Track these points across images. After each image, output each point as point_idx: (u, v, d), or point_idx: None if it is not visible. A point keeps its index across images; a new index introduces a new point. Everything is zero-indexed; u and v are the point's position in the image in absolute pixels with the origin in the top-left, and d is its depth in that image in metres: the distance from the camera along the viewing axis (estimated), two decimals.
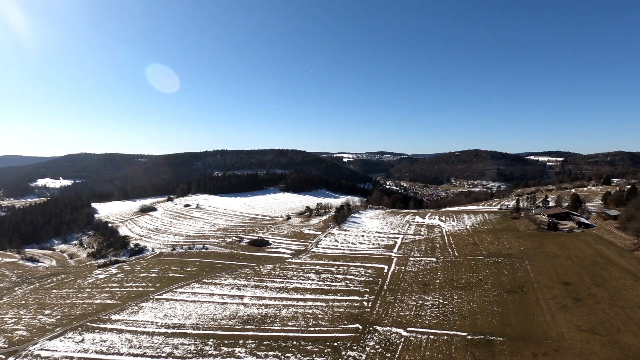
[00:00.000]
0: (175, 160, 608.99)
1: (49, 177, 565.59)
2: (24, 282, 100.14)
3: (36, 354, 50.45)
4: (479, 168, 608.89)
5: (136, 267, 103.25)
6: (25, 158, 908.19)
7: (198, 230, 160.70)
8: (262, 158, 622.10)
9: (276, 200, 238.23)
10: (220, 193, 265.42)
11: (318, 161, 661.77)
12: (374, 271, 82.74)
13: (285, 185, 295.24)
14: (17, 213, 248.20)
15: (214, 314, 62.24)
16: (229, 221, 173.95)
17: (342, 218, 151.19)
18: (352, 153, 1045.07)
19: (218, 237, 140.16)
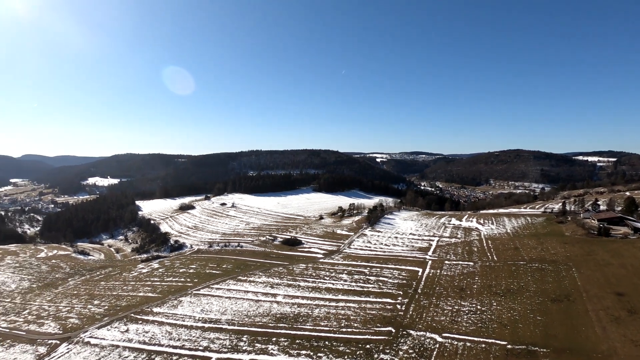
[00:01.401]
0: (212, 160, 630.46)
1: (98, 176, 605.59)
2: (76, 273, 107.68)
3: (86, 341, 54.08)
4: (521, 169, 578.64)
5: (176, 263, 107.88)
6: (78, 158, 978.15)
7: (233, 228, 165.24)
8: (295, 158, 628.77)
9: (309, 200, 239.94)
10: (255, 192, 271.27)
11: (351, 161, 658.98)
12: (407, 274, 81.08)
13: (318, 185, 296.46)
14: (70, 209, 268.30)
15: (248, 310, 63.71)
16: (262, 220, 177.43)
17: (375, 219, 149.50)
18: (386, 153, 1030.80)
19: (252, 236, 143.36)
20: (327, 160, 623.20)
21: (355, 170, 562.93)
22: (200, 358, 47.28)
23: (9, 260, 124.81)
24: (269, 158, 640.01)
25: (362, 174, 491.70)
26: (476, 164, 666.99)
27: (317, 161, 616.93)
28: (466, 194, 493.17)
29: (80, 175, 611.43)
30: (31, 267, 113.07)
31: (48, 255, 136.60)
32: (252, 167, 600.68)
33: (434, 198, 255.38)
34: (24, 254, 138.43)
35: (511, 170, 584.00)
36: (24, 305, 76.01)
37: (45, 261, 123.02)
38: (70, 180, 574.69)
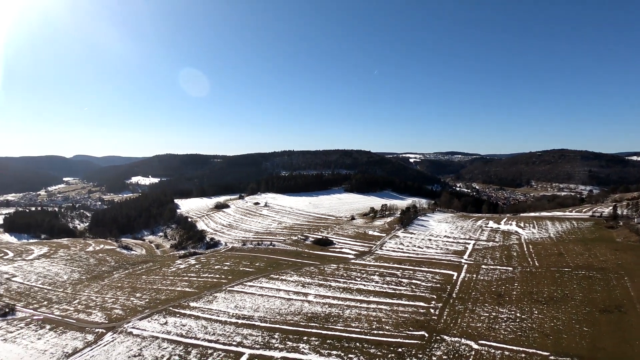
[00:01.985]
0: (246, 161, 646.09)
1: (140, 175, 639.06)
2: (120, 267, 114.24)
3: (129, 331, 57.20)
4: (566, 169, 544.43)
5: (211, 260, 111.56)
6: (123, 158, 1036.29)
7: (266, 227, 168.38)
8: (327, 158, 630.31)
9: (340, 201, 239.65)
10: (287, 192, 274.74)
11: (383, 161, 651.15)
12: (441, 277, 78.84)
13: (350, 185, 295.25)
14: (115, 207, 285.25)
15: (280, 308, 64.64)
16: (294, 220, 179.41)
17: (408, 220, 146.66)
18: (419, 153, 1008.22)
19: (284, 235, 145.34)
20: (359, 161, 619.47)
21: (387, 171, 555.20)
22: (233, 353, 48.58)
23: (61, 253, 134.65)
24: (301, 158, 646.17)
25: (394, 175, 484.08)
26: (516, 165, 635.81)
27: (349, 161, 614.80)
28: (505, 195, 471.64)
29: (124, 174, 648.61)
30: (81, 260, 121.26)
31: (95, 249, 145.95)
32: (284, 167, 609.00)
33: (470, 200, 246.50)
34: (75, 247, 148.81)
35: (555, 171, 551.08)
36: (74, 295, 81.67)
37: (93, 255, 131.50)
38: (115, 179, 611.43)
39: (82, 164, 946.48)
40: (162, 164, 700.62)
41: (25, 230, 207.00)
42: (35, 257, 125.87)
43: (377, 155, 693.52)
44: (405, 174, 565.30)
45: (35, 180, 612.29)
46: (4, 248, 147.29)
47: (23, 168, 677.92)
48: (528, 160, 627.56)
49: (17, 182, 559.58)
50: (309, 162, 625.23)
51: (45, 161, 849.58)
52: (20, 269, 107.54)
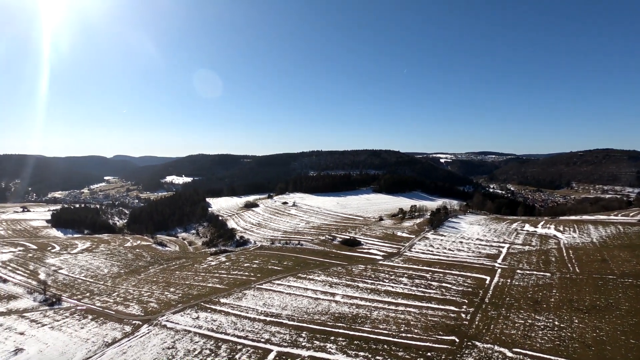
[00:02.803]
0: (275, 160, 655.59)
1: (174, 175, 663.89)
2: (155, 262, 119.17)
3: (163, 324, 59.57)
4: (611, 171, 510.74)
5: (241, 257, 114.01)
6: (158, 158, 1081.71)
7: (294, 227, 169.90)
8: (355, 158, 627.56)
9: (368, 201, 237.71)
10: (315, 192, 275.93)
11: (412, 162, 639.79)
12: (473, 281, 76.31)
13: (378, 186, 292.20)
14: (151, 205, 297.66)
15: (307, 307, 65.02)
16: (322, 220, 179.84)
17: (438, 222, 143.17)
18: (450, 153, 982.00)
19: (312, 235, 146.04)
20: (388, 161, 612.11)
21: (417, 171, 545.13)
22: (262, 349, 49.39)
23: (102, 247, 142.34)
24: (329, 158, 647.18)
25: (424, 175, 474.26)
26: (555, 165, 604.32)
27: (378, 162, 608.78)
28: (543, 197, 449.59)
29: (159, 173, 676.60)
30: (119, 255, 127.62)
31: (133, 244, 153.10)
32: (312, 167, 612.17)
33: (505, 201, 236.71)
34: (114, 242, 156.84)
35: (598, 173, 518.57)
36: (113, 288, 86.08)
37: (130, 250, 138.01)
38: (151, 178, 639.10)
39: (121, 163, 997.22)
40: (195, 163, 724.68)
41: (70, 226, 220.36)
42: (79, 251, 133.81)
43: (406, 155, 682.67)
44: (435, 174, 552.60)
45: (79, 179, 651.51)
46: (52, 242, 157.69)
47: (68, 168, 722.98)
48: (568, 161, 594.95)
49: (63, 181, 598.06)
50: (337, 162, 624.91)
51: (87, 161, 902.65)
52: (66, 261, 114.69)
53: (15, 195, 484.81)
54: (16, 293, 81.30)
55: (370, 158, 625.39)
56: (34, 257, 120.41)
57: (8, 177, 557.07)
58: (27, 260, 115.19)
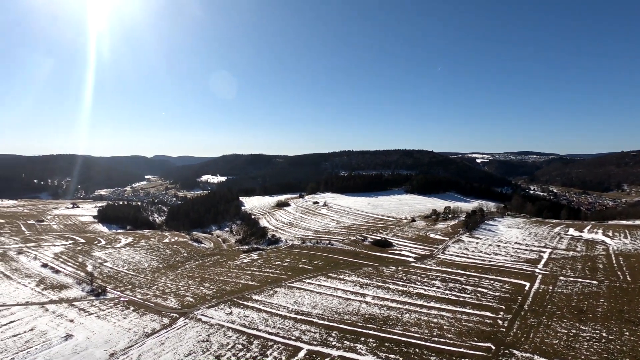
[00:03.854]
0: (306, 160, 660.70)
1: (210, 174, 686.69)
2: (192, 258, 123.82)
3: (198, 318, 61.81)
4: None
5: (272, 256, 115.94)
6: (195, 158, 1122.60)
7: (325, 226, 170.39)
8: (387, 158, 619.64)
9: (400, 202, 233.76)
10: (346, 192, 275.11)
11: (447, 162, 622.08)
12: (511, 287, 73.03)
13: (411, 186, 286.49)
14: (188, 203, 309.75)
15: (338, 307, 65.01)
16: (353, 220, 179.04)
17: (473, 224, 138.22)
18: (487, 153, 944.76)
19: (343, 235, 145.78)
20: (421, 161, 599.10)
21: (451, 172, 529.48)
22: (292, 347, 49.99)
23: (143, 243, 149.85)
24: (360, 158, 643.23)
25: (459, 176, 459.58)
26: (604, 166, 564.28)
27: (410, 162, 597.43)
28: (589, 200, 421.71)
29: (196, 173, 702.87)
30: (159, 250, 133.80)
31: (171, 241, 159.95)
32: (343, 167, 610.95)
33: (547, 204, 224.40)
34: (154, 238, 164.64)
35: None
36: (153, 282, 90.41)
37: (169, 246, 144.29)
38: (188, 177, 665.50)
39: (161, 162, 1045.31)
40: (229, 163, 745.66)
41: (114, 222, 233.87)
42: (122, 246, 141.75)
43: (440, 155, 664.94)
44: (471, 175, 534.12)
45: (123, 177, 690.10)
46: (98, 236, 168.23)
47: (112, 167, 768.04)
48: (619, 161, 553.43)
49: (108, 179, 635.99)
50: (368, 162, 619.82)
51: (130, 160, 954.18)
52: (110, 255, 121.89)
53: (66, 193, 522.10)
54: (67, 283, 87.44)
55: (402, 158, 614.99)
56: (82, 250, 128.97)
57: (60, 175, 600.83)
58: (77, 253, 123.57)
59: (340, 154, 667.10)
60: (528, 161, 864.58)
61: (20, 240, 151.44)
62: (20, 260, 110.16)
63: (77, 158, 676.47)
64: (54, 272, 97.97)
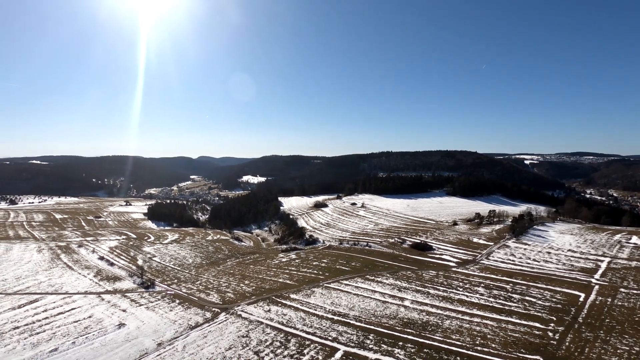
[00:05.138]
0: (344, 161, 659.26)
1: (250, 175, 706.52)
2: (233, 256, 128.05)
3: (239, 314, 63.77)
4: None
5: (310, 256, 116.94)
6: (236, 159, 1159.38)
7: (362, 228, 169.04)
8: (427, 160, 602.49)
9: (441, 204, 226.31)
10: (384, 194, 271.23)
11: (491, 163, 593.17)
12: (563, 297, 68.11)
13: (452, 188, 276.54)
14: (229, 202, 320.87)
15: (375, 310, 64.20)
16: (391, 222, 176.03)
17: (521, 229, 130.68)
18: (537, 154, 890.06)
19: (381, 237, 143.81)
20: (464, 162, 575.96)
21: (496, 174, 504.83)
22: (329, 347, 50.07)
23: (188, 240, 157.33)
24: (399, 159, 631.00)
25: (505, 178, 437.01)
26: None
27: (452, 163, 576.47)
28: None
29: (237, 173, 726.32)
30: (202, 247, 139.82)
31: (213, 238, 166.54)
32: (382, 168, 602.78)
33: (605, 209, 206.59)
34: (198, 236, 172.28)
35: None
36: (196, 277, 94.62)
37: (211, 243, 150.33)
38: (229, 177, 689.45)
39: (205, 163, 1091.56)
40: (268, 164, 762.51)
41: (162, 219, 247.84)
42: (169, 242, 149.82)
43: (484, 156, 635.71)
44: (518, 177, 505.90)
45: (170, 177, 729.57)
46: (148, 232, 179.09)
47: (161, 167, 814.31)
48: None
49: (157, 179, 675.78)
50: (408, 163, 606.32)
51: (177, 161, 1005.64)
52: (158, 251, 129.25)
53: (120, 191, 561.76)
54: (120, 275, 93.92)
55: (443, 159, 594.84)
56: (133, 245, 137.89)
57: (115, 175, 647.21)
58: (129, 247, 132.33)
59: (379, 155, 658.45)
60: (584, 162, 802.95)
61: (81, 234, 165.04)
62: (81, 253, 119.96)
63: (129, 159, 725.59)
64: (109, 264, 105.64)
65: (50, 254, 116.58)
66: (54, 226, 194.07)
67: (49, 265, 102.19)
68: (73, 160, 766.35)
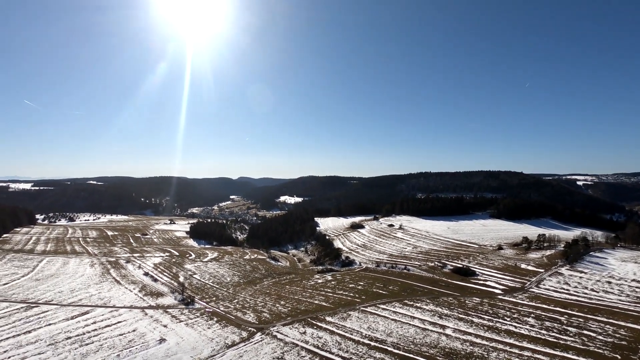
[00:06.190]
0: (381, 182, 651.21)
1: (287, 195, 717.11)
2: (269, 275, 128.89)
3: (274, 335, 63.49)
4: None
5: (346, 278, 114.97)
6: (274, 180, 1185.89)
7: (400, 250, 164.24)
8: (468, 180, 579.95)
9: (485, 227, 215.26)
10: (423, 215, 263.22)
11: (539, 184, 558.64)
12: (628, 332, 61.25)
13: (497, 211, 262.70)
14: (267, 222, 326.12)
15: (414, 337, 61.29)
16: (431, 245, 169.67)
17: (575, 255, 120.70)
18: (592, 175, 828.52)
19: (420, 260, 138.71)
20: (508, 183, 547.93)
21: (546, 195, 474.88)
22: None
23: (226, 258, 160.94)
24: (438, 180, 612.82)
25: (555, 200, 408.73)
26: None
27: (496, 184, 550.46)
28: None
29: (274, 194, 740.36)
30: (240, 266, 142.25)
31: (251, 257, 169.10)
32: (420, 189, 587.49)
33: None
34: (236, 254, 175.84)
35: None
36: (234, 296, 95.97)
37: (248, 262, 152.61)
38: (267, 197, 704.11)
39: (244, 184, 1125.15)
40: (305, 185, 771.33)
41: (203, 237, 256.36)
42: (209, 260, 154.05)
43: (531, 177, 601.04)
44: (570, 199, 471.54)
45: (211, 197, 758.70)
46: (189, 250, 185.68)
47: (203, 188, 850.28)
48: None
49: (199, 199, 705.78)
50: (447, 184, 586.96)
51: (218, 182, 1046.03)
52: (199, 268, 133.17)
53: (165, 210, 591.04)
54: (162, 291, 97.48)
55: (486, 180, 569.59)
56: (176, 262, 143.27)
57: (161, 194, 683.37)
58: (171, 264, 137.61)
59: (417, 176, 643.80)
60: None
61: (129, 250, 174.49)
62: (128, 268, 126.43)
63: (174, 180, 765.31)
64: (153, 280, 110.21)
65: (101, 269, 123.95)
66: (106, 242, 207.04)
67: (100, 279, 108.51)
68: (124, 180, 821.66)
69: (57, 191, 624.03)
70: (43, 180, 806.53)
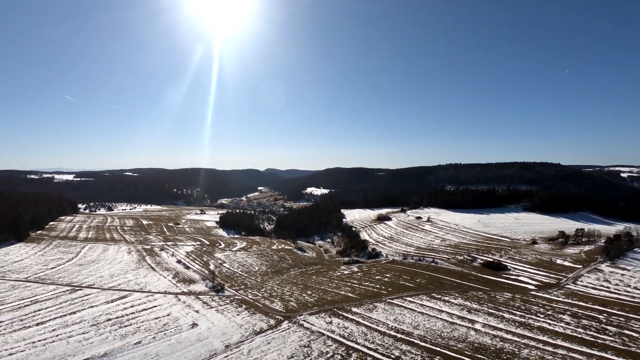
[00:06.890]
0: (409, 174, 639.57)
1: (314, 187, 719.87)
2: (296, 265, 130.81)
3: (301, 323, 64.66)
4: None
5: (372, 269, 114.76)
6: (301, 171, 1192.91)
7: (428, 243, 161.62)
8: (500, 172, 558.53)
9: (518, 221, 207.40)
10: (452, 208, 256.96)
11: (578, 176, 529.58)
12: None
13: (531, 204, 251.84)
14: (293, 213, 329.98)
15: (442, 331, 60.51)
16: (460, 238, 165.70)
17: (617, 252, 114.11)
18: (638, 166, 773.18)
19: (448, 253, 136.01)
20: (544, 175, 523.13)
21: (585, 188, 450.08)
22: None
23: (254, 248, 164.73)
24: (469, 172, 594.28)
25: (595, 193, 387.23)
26: None
27: (530, 175, 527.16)
28: None
29: (301, 185, 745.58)
30: (267, 256, 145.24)
31: (278, 247, 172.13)
32: (449, 181, 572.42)
33: None
34: (264, 244, 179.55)
35: None
36: (262, 284, 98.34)
37: (276, 252, 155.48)
38: (294, 189, 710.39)
39: (271, 175, 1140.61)
40: (332, 176, 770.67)
41: (232, 227, 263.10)
42: (238, 249, 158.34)
43: (569, 168, 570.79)
44: (613, 192, 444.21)
45: (240, 188, 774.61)
46: (219, 240, 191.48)
47: (232, 179, 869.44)
48: None
49: (228, 190, 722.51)
50: (478, 176, 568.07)
51: (246, 173, 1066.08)
52: (228, 257, 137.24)
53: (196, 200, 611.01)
54: (194, 278, 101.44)
55: (520, 172, 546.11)
56: (206, 251, 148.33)
57: (192, 186, 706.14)
58: (202, 253, 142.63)
59: (446, 167, 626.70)
60: None
61: (162, 239, 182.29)
62: (162, 256, 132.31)
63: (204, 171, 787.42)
64: (185, 267, 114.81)
65: (138, 256, 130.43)
66: (141, 231, 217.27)
67: (136, 266, 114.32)
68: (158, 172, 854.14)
69: (97, 182, 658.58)
70: (84, 172, 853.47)
